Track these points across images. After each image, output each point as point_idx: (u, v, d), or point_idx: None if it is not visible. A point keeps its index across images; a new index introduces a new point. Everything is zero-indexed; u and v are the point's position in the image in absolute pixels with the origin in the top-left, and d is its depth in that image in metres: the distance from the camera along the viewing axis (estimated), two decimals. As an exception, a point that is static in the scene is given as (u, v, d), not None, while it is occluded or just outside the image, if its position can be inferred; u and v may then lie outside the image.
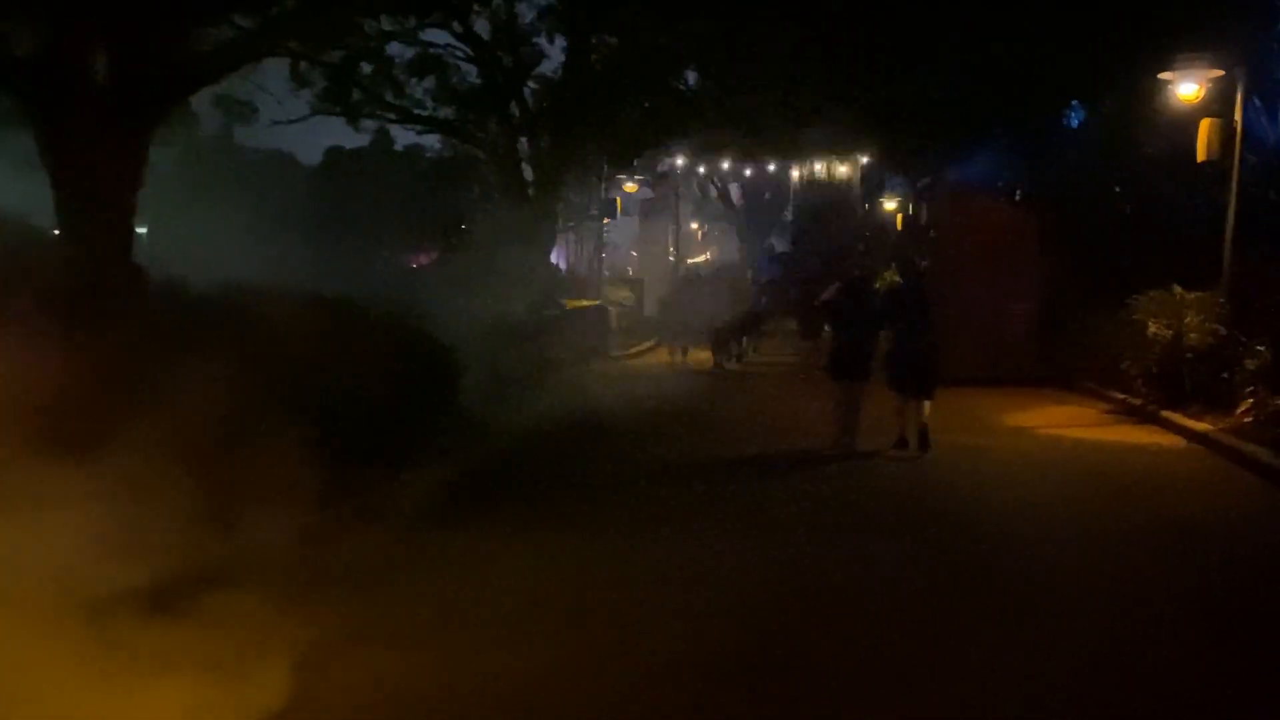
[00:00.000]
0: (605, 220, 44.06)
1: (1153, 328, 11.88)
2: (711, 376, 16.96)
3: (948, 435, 10.83)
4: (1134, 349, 12.78)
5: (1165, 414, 11.35)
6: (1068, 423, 11.80)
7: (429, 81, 25.70)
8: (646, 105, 29.93)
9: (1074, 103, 23.68)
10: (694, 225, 58.41)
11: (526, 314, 15.55)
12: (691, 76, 34.84)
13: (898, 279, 12.28)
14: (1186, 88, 11.22)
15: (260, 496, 5.72)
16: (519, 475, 9.19)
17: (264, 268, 21.19)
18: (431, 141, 36.54)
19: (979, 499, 8.13)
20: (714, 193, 51.86)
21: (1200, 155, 11.49)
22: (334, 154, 46.58)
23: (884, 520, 7.53)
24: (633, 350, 19.59)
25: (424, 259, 35.70)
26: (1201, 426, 10.36)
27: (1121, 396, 12.82)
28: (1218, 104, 12.00)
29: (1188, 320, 11.62)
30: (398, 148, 40.29)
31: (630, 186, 25.98)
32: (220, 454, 5.90)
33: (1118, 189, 21.42)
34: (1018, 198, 16.95)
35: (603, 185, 24.84)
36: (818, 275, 17.91)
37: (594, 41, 29.31)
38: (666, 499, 8.13)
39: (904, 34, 24.00)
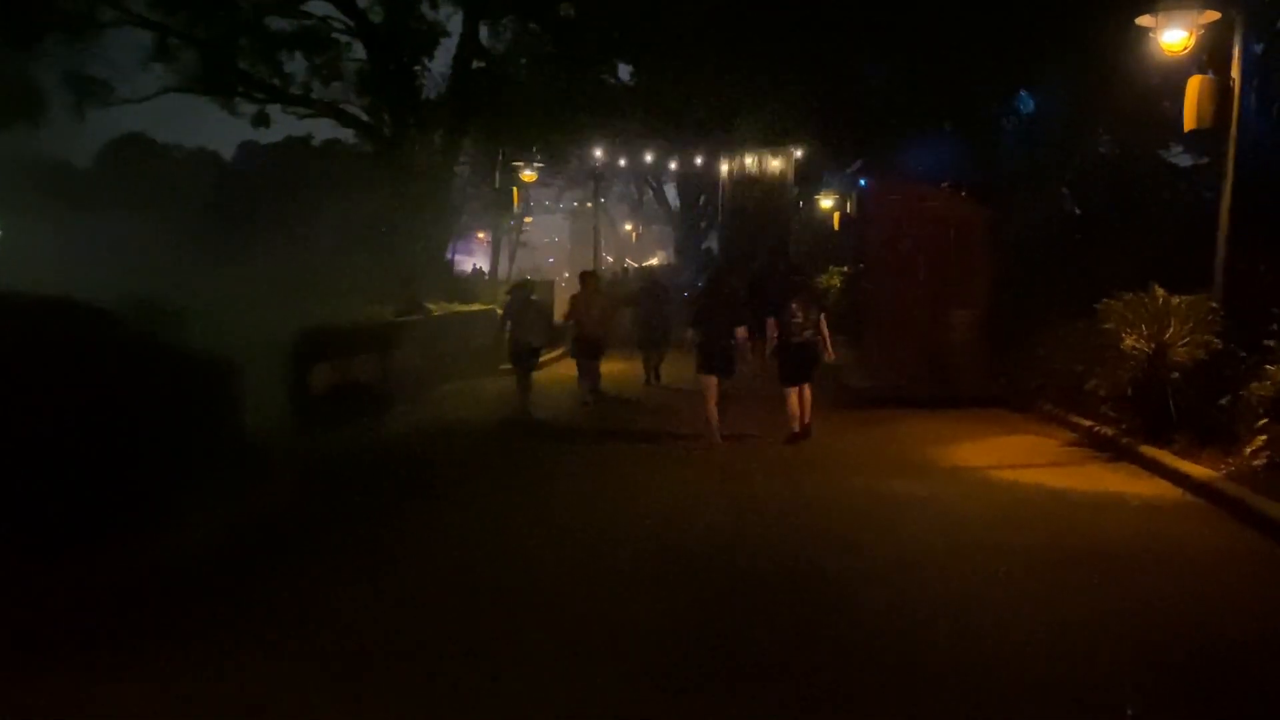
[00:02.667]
0: (527, 220, 41.61)
1: (1129, 340, 9.43)
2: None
3: (867, 477, 8.36)
4: (1103, 365, 10.36)
5: (1146, 450, 8.90)
6: (1022, 459, 9.30)
7: (308, 60, 22.94)
8: (562, 90, 27.35)
9: (1022, 93, 21.60)
10: (628, 227, 55.86)
11: (367, 320, 12.79)
12: (625, 70, 32.59)
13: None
14: (1172, 35, 8.79)
15: None
16: (245, 564, 6.40)
17: (115, 274, 18.54)
18: (348, 135, 33.49)
19: (895, 600, 5.53)
20: (650, 194, 49.79)
21: (1189, 122, 9.10)
22: (247, 149, 43.78)
23: (751, 658, 4.91)
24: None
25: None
26: (1200, 471, 7.89)
27: (1087, 424, 10.38)
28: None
29: (1173, 331, 9.19)
30: (315, 143, 37.81)
31: (528, 175, 23.19)
32: None
33: (1065, 188, 19.36)
34: (963, 193, 14.44)
35: (496, 174, 22.05)
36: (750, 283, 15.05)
37: (502, 22, 26.79)
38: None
39: (839, 16, 21.73)
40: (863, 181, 14.99)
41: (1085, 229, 14.42)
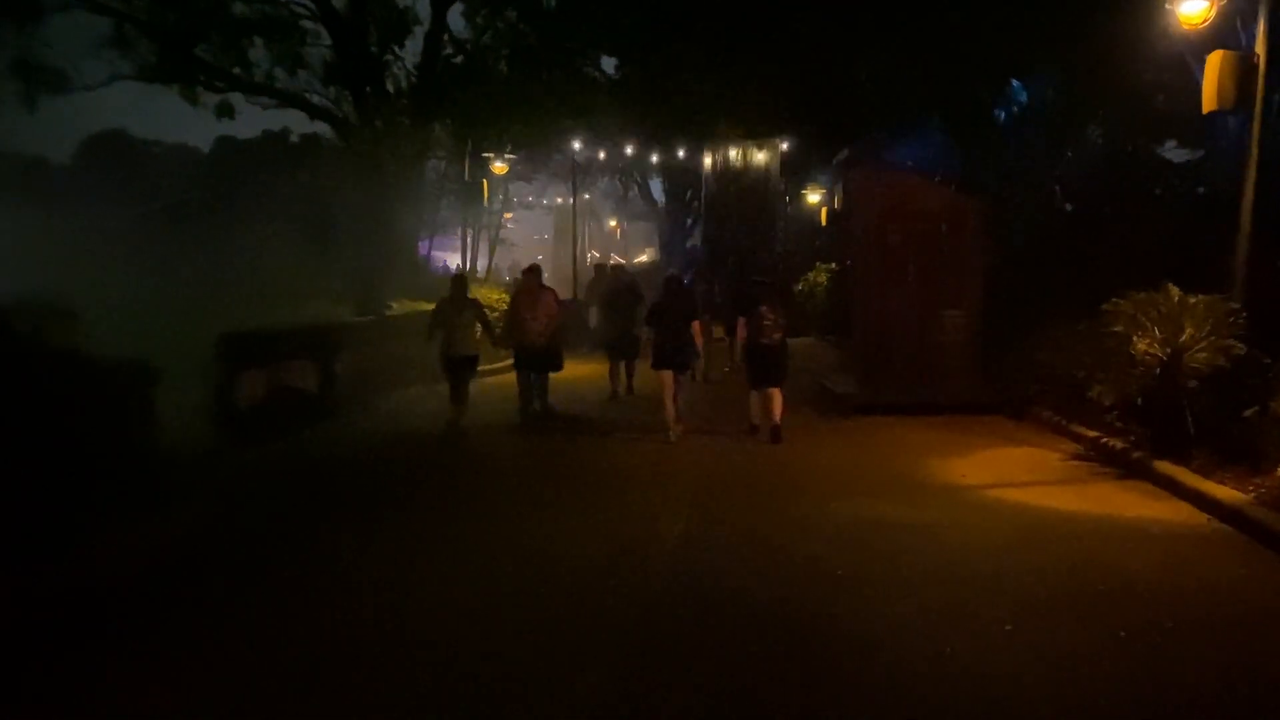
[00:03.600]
0: (506, 215, 40.45)
1: (1140, 344, 8.55)
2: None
3: (857, 500, 7.46)
4: (1109, 371, 9.49)
5: (1160, 466, 8.02)
6: (1026, 476, 8.41)
7: (271, 47, 21.88)
8: (543, 83, 26.41)
9: (1015, 84, 20.79)
10: (612, 223, 54.91)
11: (310, 322, 11.80)
12: (609, 63, 31.65)
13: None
14: (1192, 6, 7.91)
15: None
16: (122, 606, 5.47)
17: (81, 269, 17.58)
18: (327, 129, 32.48)
19: (898, 657, 4.63)
20: (636, 190, 48.88)
21: (1208, 103, 8.22)
22: (224, 144, 42.99)
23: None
24: (495, 365, 15.89)
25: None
26: (1226, 494, 7.01)
27: (1093, 434, 9.52)
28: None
29: (1189, 334, 8.32)
30: (294, 138, 36.96)
31: (499, 167, 22.18)
32: None
33: (1056, 184, 18.54)
34: (954, 187, 13.53)
35: (466, 166, 21.06)
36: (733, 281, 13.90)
37: (482, 13, 25.84)
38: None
39: (829, 3, 20.87)
40: (843, 160, 13.85)
41: (1080, 225, 13.57)
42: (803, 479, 8.43)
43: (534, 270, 12.17)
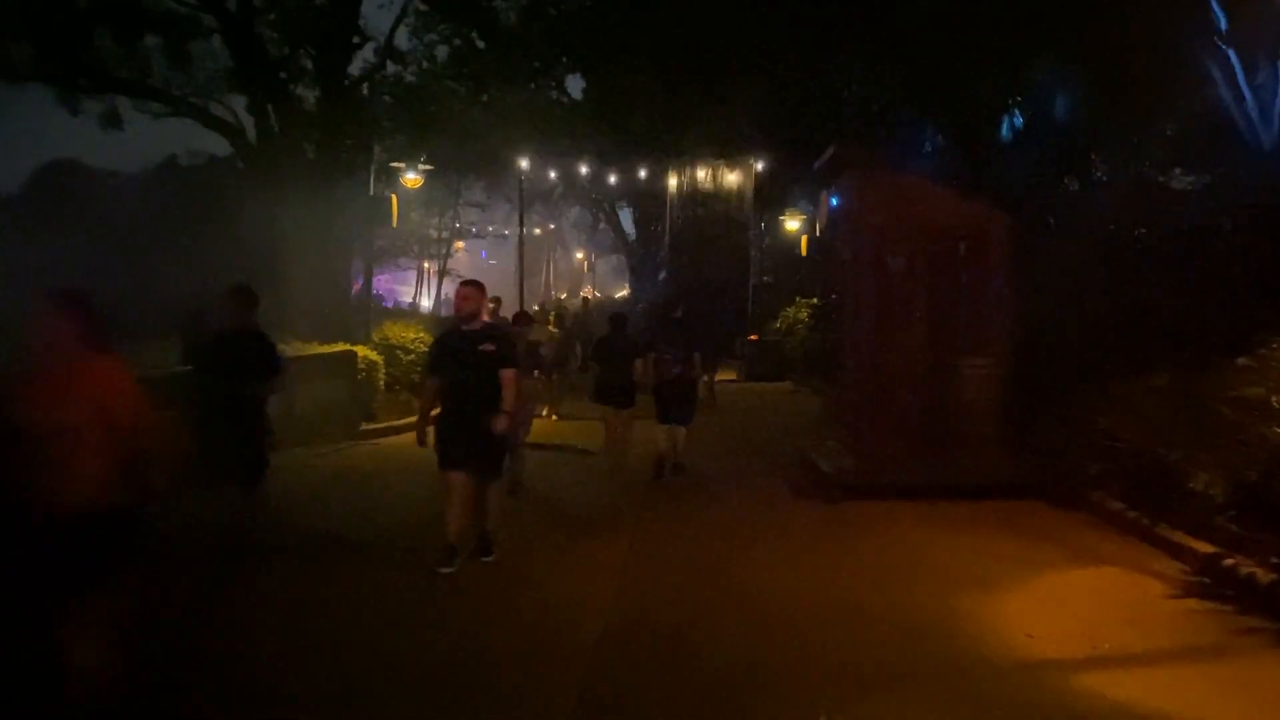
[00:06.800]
0: (457, 245, 37.55)
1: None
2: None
3: (857, 703, 4.27)
4: (1219, 452, 6.49)
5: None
6: (1129, 637, 5.18)
7: (165, 47, 18.81)
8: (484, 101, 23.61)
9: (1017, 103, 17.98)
10: (579, 255, 51.84)
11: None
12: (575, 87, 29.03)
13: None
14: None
15: None
16: None
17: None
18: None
19: None
20: (603, 221, 45.90)
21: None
22: (168, 166, 40.96)
23: None
24: (408, 420, 12.72)
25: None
26: None
27: (1204, 549, 6.39)
28: None
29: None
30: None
31: (411, 180, 19.07)
32: None
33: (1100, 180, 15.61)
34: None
35: (371, 177, 17.95)
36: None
37: (439, 28, 23.09)
38: None
39: (811, 9, 18.08)
40: (827, 163, 10.72)
41: (1163, 248, 10.58)
42: (766, 637, 5.25)
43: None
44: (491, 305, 12.11)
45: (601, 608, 5.74)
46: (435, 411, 6.70)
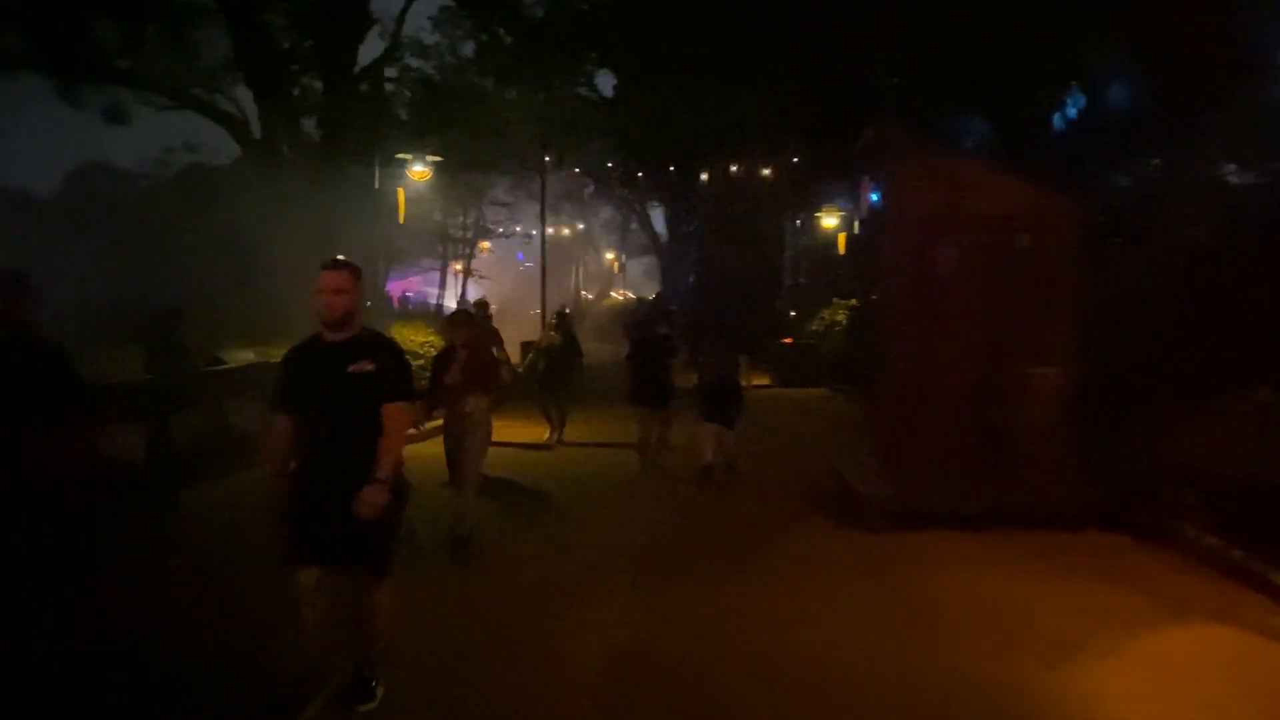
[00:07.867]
0: (482, 246, 36.64)
1: None
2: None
3: None
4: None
5: None
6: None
7: (168, 38, 18.03)
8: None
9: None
10: (609, 256, 50.75)
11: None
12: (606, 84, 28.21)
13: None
14: None
15: None
16: None
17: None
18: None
19: None
20: (635, 222, 44.88)
21: None
22: (192, 171, 40.84)
23: None
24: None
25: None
26: None
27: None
28: None
29: None
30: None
31: (418, 173, 18.04)
32: None
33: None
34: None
35: (376, 172, 16.99)
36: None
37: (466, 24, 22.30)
38: None
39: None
40: (866, 144, 9.50)
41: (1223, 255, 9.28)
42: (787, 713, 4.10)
43: (460, 315, 8.10)
44: (477, 311, 11.28)
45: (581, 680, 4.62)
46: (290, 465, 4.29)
